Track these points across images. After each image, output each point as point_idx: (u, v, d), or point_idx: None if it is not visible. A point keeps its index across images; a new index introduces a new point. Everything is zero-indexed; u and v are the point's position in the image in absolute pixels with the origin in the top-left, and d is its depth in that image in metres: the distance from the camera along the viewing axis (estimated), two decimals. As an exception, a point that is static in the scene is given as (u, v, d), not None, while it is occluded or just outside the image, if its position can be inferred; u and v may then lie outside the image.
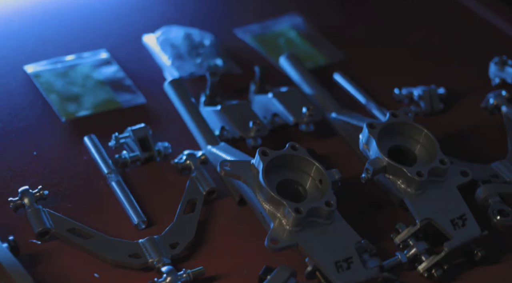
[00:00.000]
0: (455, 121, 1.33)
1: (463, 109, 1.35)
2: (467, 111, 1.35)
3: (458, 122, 1.33)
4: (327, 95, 1.27)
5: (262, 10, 1.55)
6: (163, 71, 1.35)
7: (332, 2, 1.59)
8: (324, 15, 1.55)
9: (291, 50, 1.42)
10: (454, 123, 1.32)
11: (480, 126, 1.32)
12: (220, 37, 1.44)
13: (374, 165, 1.08)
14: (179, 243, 1.03)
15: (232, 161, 1.05)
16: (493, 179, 1.17)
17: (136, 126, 1.17)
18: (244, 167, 1.05)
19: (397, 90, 1.35)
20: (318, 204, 1.01)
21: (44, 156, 1.16)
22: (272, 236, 0.99)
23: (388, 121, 1.13)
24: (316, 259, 0.98)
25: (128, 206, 1.08)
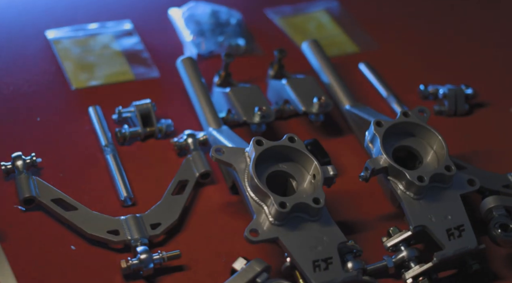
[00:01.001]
0: (479, 124, 1.27)
1: (490, 113, 1.30)
2: (494, 115, 1.29)
3: (482, 126, 1.27)
4: (344, 86, 1.24)
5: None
6: (184, 47, 1.33)
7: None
8: (363, 1, 1.51)
9: (320, 36, 1.39)
10: (477, 126, 1.27)
11: (506, 133, 1.27)
12: (249, 16, 1.42)
13: (374, 164, 1.04)
14: (161, 224, 1.02)
15: (226, 147, 1.03)
16: (504, 190, 1.12)
17: (141, 101, 1.16)
18: (238, 154, 1.03)
19: (422, 87, 1.30)
20: (306, 200, 0.98)
21: (46, 123, 1.17)
22: (252, 228, 0.96)
23: (397, 121, 1.08)
24: (293, 256, 0.95)
25: (118, 181, 1.07)
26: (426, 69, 1.37)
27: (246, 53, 1.34)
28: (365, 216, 1.10)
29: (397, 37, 1.43)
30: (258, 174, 1.00)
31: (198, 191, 1.10)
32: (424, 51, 1.41)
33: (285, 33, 1.40)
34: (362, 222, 1.09)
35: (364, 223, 1.09)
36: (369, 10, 1.49)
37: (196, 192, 1.10)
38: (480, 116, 1.29)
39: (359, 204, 1.12)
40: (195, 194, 1.10)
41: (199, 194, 1.10)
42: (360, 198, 1.13)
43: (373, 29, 1.44)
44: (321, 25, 1.43)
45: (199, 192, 1.10)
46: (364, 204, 1.12)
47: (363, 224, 1.09)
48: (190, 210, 1.08)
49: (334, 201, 1.11)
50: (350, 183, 1.13)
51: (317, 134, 1.21)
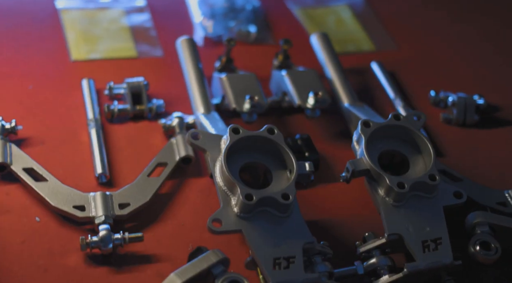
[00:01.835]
0: (488, 137, 1.23)
1: (502, 126, 1.25)
2: (506, 130, 1.24)
3: (491, 139, 1.23)
4: (346, 83, 1.21)
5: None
6: (194, 29, 1.32)
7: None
8: None
9: (338, 30, 1.37)
10: (486, 139, 1.23)
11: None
12: (268, 4, 1.40)
13: (355, 165, 1.02)
14: (130, 204, 1.01)
15: (203, 132, 1.02)
16: (498, 207, 1.07)
17: (133, 78, 1.15)
18: (214, 141, 1.01)
19: (433, 93, 1.26)
20: (274, 195, 0.96)
21: (38, 91, 1.17)
22: (216, 218, 0.95)
23: (386, 123, 1.05)
24: (254, 251, 0.93)
25: (96, 156, 1.07)
26: (442, 75, 1.33)
27: (256, 41, 1.32)
28: (349, 218, 1.07)
29: (418, 40, 1.39)
30: (233, 163, 0.99)
31: (180, 177, 1.09)
32: (443, 56, 1.37)
33: (302, 25, 1.37)
34: (344, 224, 1.06)
35: (346, 226, 1.06)
36: (394, 9, 1.45)
37: (177, 178, 1.09)
38: (491, 128, 1.24)
39: (344, 206, 1.09)
40: (176, 180, 1.08)
41: (180, 180, 1.09)
42: (347, 199, 1.10)
43: (394, 29, 1.40)
44: (341, 19, 1.40)
45: (180, 178, 1.09)
46: (350, 206, 1.09)
47: (345, 227, 1.06)
48: (168, 195, 1.06)
49: (320, 199, 1.09)
50: (340, 183, 1.10)
51: (314, 130, 1.19)
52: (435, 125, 1.23)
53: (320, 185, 1.11)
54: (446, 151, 1.19)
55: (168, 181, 1.07)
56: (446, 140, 1.21)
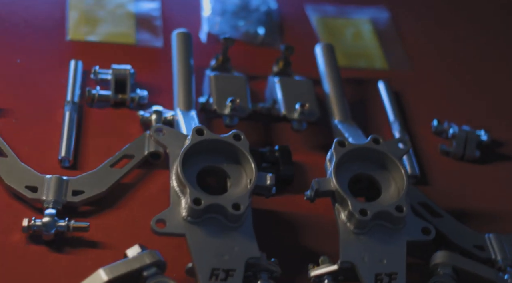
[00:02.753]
0: (484, 174, 1.18)
1: (502, 164, 1.19)
2: (505, 167, 1.19)
3: (486, 176, 1.18)
4: (341, 99, 1.17)
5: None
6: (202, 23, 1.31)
7: (435, 7, 1.45)
8: (416, 17, 1.42)
9: (354, 44, 1.33)
10: (481, 175, 1.18)
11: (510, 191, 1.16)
12: (287, 8, 1.37)
13: (321, 185, 0.99)
14: (84, 192, 1.00)
15: (168, 129, 1.00)
16: (474, 250, 1.03)
17: (120, 65, 1.15)
18: (178, 138, 0.99)
19: (435, 122, 1.21)
20: (224, 203, 0.93)
21: (25, 66, 1.17)
22: (160, 218, 0.93)
23: (362, 145, 1.02)
24: (194, 258, 0.91)
25: (63, 140, 1.06)
26: (454, 103, 1.28)
27: (264, 44, 1.29)
28: (313, 237, 1.04)
29: (435, 64, 1.35)
30: (192, 165, 0.97)
31: (148, 172, 1.08)
32: (459, 84, 1.32)
33: (317, 34, 1.34)
34: (307, 243, 1.03)
35: (308, 245, 1.03)
36: (418, 29, 1.41)
37: (145, 172, 1.07)
38: (490, 165, 1.19)
39: (312, 223, 1.06)
40: (143, 173, 1.07)
41: (147, 175, 1.07)
42: (316, 217, 1.06)
43: (413, 49, 1.36)
44: (359, 33, 1.36)
45: (148, 173, 1.08)
46: (317, 225, 1.06)
47: (307, 246, 1.03)
48: (131, 187, 1.05)
49: (289, 214, 1.06)
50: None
51: (299, 142, 1.16)
52: (432, 154, 1.19)
53: (292, 198, 1.08)
54: (438, 182, 1.15)
55: (135, 174, 1.06)
56: (440, 171, 1.17)
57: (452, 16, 1.44)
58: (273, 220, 1.06)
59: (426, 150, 1.19)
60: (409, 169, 1.13)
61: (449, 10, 1.45)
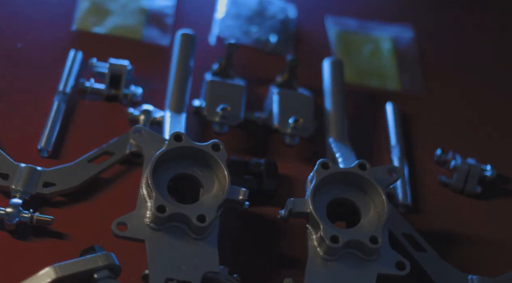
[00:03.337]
0: (483, 210, 1.13)
1: (504, 201, 1.13)
2: (506, 205, 1.13)
3: (485, 213, 1.12)
4: (340, 117, 1.12)
5: (381, 9, 1.40)
6: (214, 25, 1.28)
7: (464, 34, 1.39)
8: (441, 41, 1.37)
9: (369, 61, 1.28)
10: (480, 212, 1.12)
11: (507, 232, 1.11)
12: (306, 18, 1.33)
13: (295, 205, 0.95)
14: (55, 185, 0.99)
15: (147, 131, 0.98)
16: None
17: (119, 60, 1.12)
18: (156, 141, 0.97)
19: (439, 151, 1.16)
20: (189, 214, 0.90)
21: (24, 52, 1.16)
22: (122, 221, 0.91)
23: (346, 170, 0.98)
24: (149, 265, 0.88)
25: (46, 129, 1.05)
26: (464, 134, 1.23)
27: (275, 53, 1.25)
28: (289, 254, 1.01)
29: (452, 92, 1.29)
30: (165, 170, 0.95)
31: (130, 170, 1.05)
32: (472, 116, 1.26)
33: (332, 47, 1.30)
34: (283, 260, 1.00)
35: (284, 262, 1.00)
36: (441, 53, 1.35)
37: (126, 171, 1.05)
38: (493, 204, 1.13)
39: (288, 241, 1.02)
40: (123, 172, 1.05)
41: (128, 174, 1.05)
42: (293, 238, 1.02)
43: (433, 73, 1.30)
44: (378, 51, 1.31)
45: (129, 171, 1.05)
46: (292, 243, 1.02)
47: (282, 262, 1.00)
48: (109, 185, 1.03)
49: (268, 229, 1.03)
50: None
51: (291, 158, 1.12)
52: (431, 184, 1.14)
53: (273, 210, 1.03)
54: (431, 213, 1.11)
55: (116, 170, 1.04)
56: (437, 202, 1.12)
57: (479, 46, 1.37)
58: (251, 231, 1.03)
59: (426, 179, 1.14)
60: (401, 197, 1.09)
61: (477, 40, 1.38)
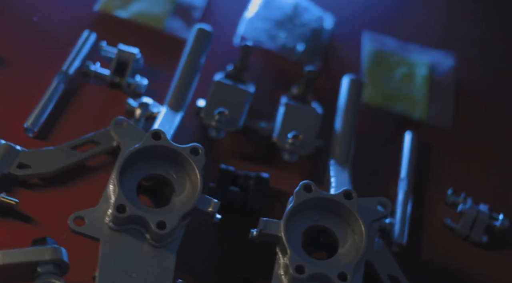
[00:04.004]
0: (487, 264, 1.04)
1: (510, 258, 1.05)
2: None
3: (488, 267, 1.04)
4: (347, 141, 1.05)
5: (424, 32, 1.31)
6: (243, 24, 1.22)
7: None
8: (483, 76, 1.27)
9: (399, 85, 1.20)
10: (483, 265, 1.04)
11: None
12: (342, 30, 1.26)
13: (266, 226, 0.89)
14: (30, 168, 0.95)
15: (130, 124, 0.93)
16: None
17: (128, 47, 1.08)
18: (136, 136, 0.92)
19: (450, 191, 1.08)
20: (150, 217, 0.85)
21: (38, 26, 1.13)
22: (81, 215, 0.86)
23: (330, 196, 0.91)
24: (99, 267, 0.84)
25: (37, 109, 1.02)
26: (484, 178, 1.14)
27: (300, 62, 1.19)
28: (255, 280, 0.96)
29: (481, 132, 1.19)
30: (138, 169, 0.91)
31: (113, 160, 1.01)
32: (496, 161, 1.16)
33: (363, 64, 1.22)
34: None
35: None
36: (481, 89, 1.25)
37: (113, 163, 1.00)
38: (497, 257, 1.05)
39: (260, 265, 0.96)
40: (110, 165, 1.00)
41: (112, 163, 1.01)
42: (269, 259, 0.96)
43: (465, 108, 1.21)
44: (411, 75, 1.23)
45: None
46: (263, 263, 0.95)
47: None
48: (91, 176, 1.00)
49: (242, 251, 0.97)
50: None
51: (292, 172, 1.06)
52: (436, 225, 1.07)
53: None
54: (428, 256, 1.04)
55: (102, 159, 1.01)
56: (437, 246, 1.05)
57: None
58: (226, 246, 0.98)
59: (431, 219, 1.07)
60: (396, 235, 1.01)
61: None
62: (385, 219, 1.00)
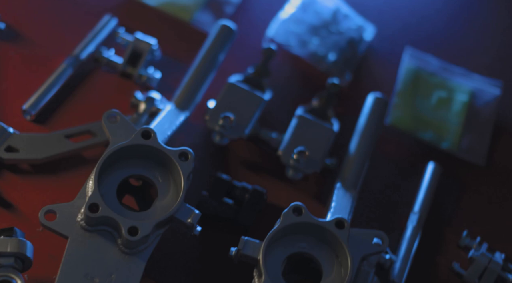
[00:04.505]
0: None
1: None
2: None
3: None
4: (359, 166, 0.98)
5: (472, 56, 1.22)
6: (275, 24, 1.16)
7: None
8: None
9: (434, 109, 1.12)
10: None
11: None
12: (383, 44, 1.19)
13: (245, 247, 0.84)
14: (18, 152, 0.93)
15: (123, 118, 0.88)
16: None
17: (145, 37, 1.04)
18: (126, 131, 0.88)
19: (465, 233, 1.00)
20: (123, 222, 0.81)
21: (63, 5, 1.09)
22: (53, 209, 0.82)
23: (319, 223, 0.85)
24: (62, 267, 0.80)
25: (39, 91, 0.98)
26: (508, 226, 1.05)
27: (329, 72, 1.12)
28: None
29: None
30: (123, 167, 0.86)
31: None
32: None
33: (398, 82, 1.14)
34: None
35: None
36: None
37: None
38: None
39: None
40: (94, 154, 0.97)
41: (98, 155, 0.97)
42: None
43: (502, 146, 1.12)
44: (449, 101, 1.14)
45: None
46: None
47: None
48: (84, 168, 0.96)
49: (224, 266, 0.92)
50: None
51: (297, 189, 1.00)
52: (444, 268, 0.99)
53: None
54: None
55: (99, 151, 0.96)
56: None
57: None
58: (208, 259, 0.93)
59: (438, 261, 0.99)
60: (395, 274, 0.94)
61: None
62: (384, 254, 0.93)
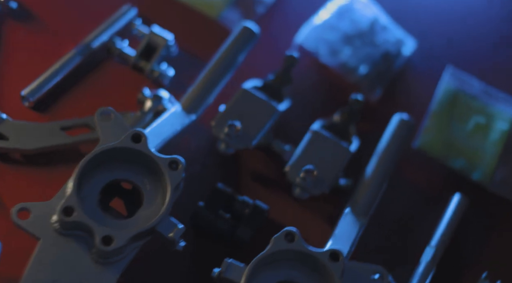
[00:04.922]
0: None
1: None
2: None
3: None
4: (372, 192, 0.90)
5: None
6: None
7: None
8: None
9: (469, 135, 1.04)
10: None
11: None
12: (421, 58, 1.11)
13: (227, 270, 0.78)
14: (8, 140, 0.88)
15: (117, 116, 0.83)
16: None
17: (163, 31, 0.98)
18: (118, 132, 0.82)
19: (485, 275, 0.92)
20: (96, 229, 0.75)
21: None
22: (27, 207, 0.77)
23: (310, 252, 0.78)
24: (27, 271, 0.74)
25: (40, 77, 0.93)
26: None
27: (359, 85, 1.05)
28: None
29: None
30: (110, 170, 0.81)
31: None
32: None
33: (433, 103, 1.06)
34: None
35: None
36: None
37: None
38: None
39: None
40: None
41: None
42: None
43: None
44: (487, 128, 1.05)
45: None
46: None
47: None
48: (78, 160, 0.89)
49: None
50: None
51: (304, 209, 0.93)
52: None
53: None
54: None
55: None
56: None
57: None
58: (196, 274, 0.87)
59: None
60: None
61: None
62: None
